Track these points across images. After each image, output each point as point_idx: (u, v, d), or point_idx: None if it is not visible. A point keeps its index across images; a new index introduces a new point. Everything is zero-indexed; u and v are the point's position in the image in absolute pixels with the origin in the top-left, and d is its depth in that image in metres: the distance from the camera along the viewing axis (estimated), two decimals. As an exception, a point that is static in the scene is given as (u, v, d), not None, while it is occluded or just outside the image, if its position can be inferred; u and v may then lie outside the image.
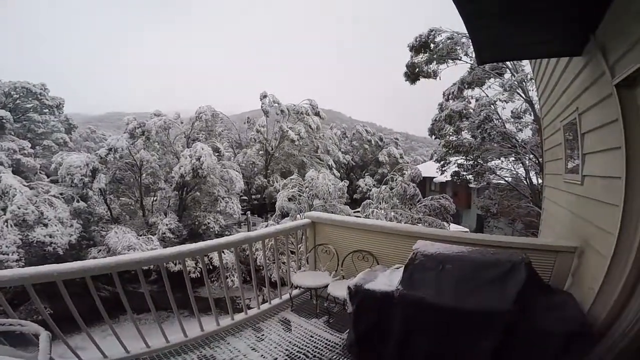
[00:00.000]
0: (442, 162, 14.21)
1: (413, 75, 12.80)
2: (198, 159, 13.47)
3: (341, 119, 67.44)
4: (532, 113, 11.59)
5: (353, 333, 2.42)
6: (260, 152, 20.48)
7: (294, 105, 20.29)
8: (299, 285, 3.34)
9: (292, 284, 3.44)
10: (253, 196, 20.81)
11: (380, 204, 12.99)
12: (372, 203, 13.33)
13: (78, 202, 12.78)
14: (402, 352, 2.17)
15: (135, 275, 2.60)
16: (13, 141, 16.54)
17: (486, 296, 2.00)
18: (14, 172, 13.58)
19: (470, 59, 11.93)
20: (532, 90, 10.90)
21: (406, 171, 14.84)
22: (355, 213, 13.63)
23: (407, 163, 21.09)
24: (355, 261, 3.35)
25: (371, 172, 24.12)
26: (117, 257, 2.57)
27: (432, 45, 12.08)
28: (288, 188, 13.83)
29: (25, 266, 7.37)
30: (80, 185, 12.64)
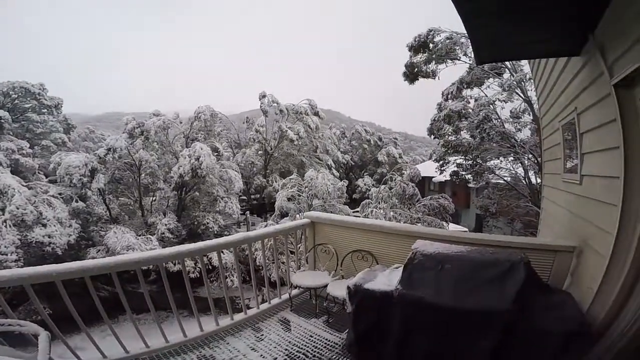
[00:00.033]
0: (441, 162, 14.23)
1: (412, 75, 12.81)
2: (197, 159, 13.47)
3: (340, 119, 67.42)
4: (531, 113, 11.61)
5: (352, 333, 2.42)
6: (259, 152, 20.47)
7: (293, 105, 20.29)
8: (299, 285, 3.34)
9: (292, 284, 3.45)
10: (252, 196, 20.81)
11: (379, 204, 12.98)
12: (371, 203, 13.32)
13: (77, 202, 12.76)
14: (402, 352, 2.17)
15: (134, 275, 2.60)
16: (11, 141, 16.49)
17: (485, 296, 2.00)
18: (13, 172, 13.51)
19: (469, 59, 11.94)
20: (531, 90, 10.93)
21: (405, 171, 14.83)
22: (354, 213, 13.62)
23: (406, 163, 21.11)
24: (354, 261, 3.36)
25: (370, 172, 24.11)
26: (116, 257, 2.57)
27: (431, 45, 12.08)
28: (287, 188, 13.83)
29: (24, 266, 7.33)
30: (79, 185, 12.62)
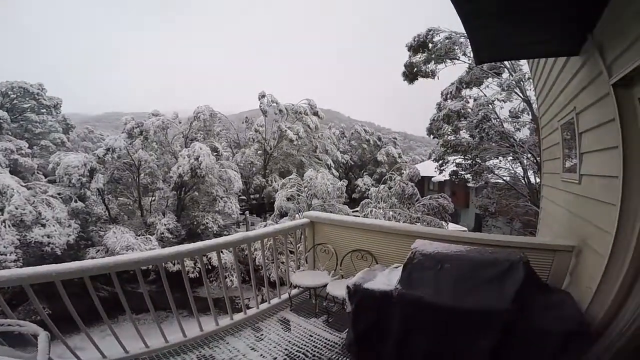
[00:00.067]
0: (441, 162, 14.24)
1: (411, 75, 12.81)
2: (196, 159, 13.46)
3: (340, 119, 67.42)
4: (530, 112, 11.62)
5: (352, 332, 2.43)
6: (258, 152, 20.46)
7: (293, 105, 20.28)
8: (298, 284, 3.34)
9: (291, 284, 3.45)
10: (251, 196, 20.81)
11: (378, 204, 12.98)
12: (371, 202, 13.32)
13: (76, 202, 12.74)
14: (401, 351, 2.17)
15: (133, 275, 2.60)
16: (10, 141, 16.44)
17: (484, 295, 2.00)
18: (12, 172, 13.48)
19: (468, 59, 11.95)
20: (530, 89, 10.93)
21: (405, 170, 14.82)
22: (353, 212, 13.64)
23: (406, 162, 21.10)
24: (354, 260, 3.36)
25: (370, 172, 24.13)
26: (116, 257, 2.57)
27: (431, 45, 12.09)
28: (287, 188, 13.83)
29: (23, 266, 7.32)
30: (78, 185, 12.60)
